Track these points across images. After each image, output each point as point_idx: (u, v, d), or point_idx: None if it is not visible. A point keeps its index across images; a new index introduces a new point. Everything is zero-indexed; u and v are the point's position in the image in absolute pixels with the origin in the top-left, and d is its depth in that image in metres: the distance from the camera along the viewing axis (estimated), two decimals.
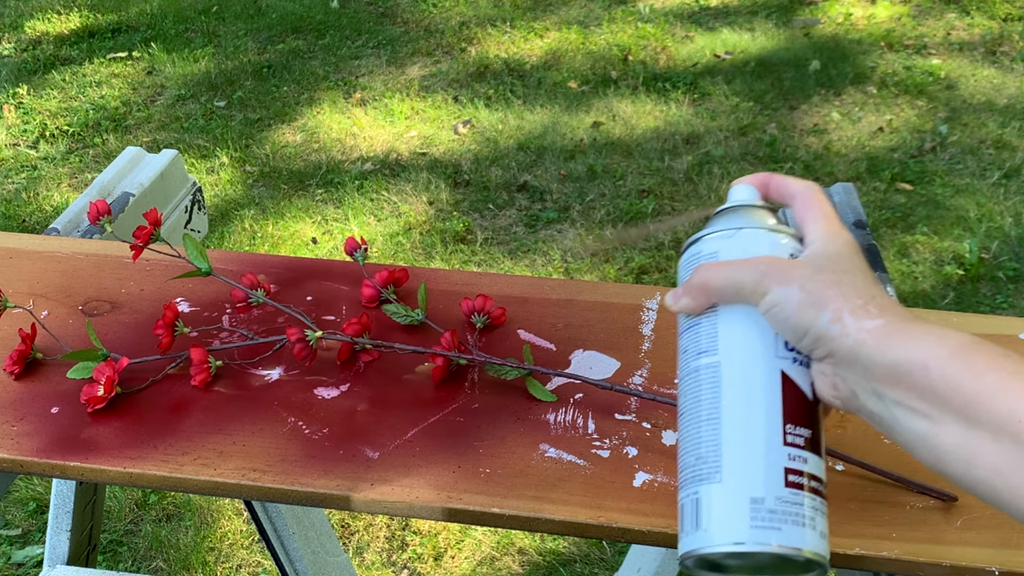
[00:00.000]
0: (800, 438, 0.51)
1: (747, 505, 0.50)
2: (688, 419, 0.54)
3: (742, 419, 0.52)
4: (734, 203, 0.58)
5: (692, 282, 0.55)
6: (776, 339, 0.53)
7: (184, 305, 0.86)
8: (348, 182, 2.83)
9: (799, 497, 0.50)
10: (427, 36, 3.75)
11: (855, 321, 0.49)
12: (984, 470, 0.45)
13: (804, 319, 0.50)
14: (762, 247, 0.55)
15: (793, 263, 0.52)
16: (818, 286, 0.50)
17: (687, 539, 0.52)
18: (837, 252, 0.53)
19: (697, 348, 0.55)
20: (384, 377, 0.78)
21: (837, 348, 0.49)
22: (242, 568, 1.73)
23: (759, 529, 0.49)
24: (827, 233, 0.54)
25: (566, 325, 0.83)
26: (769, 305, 0.51)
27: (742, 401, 0.52)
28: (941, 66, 3.34)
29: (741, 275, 0.53)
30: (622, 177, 2.80)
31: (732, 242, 0.55)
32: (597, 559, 1.71)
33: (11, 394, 0.77)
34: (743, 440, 0.51)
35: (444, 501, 0.67)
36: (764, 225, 0.56)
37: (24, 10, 4.05)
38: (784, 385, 0.52)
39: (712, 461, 0.51)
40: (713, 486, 0.51)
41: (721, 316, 0.54)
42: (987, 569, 0.62)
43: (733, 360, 0.53)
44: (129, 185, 1.18)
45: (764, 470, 0.50)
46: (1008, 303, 2.28)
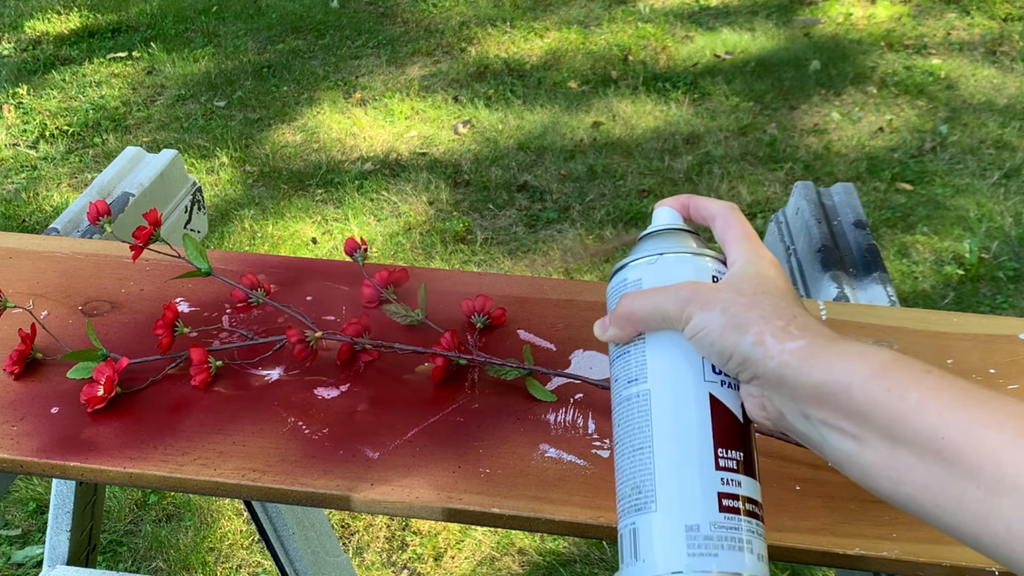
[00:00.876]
0: (732, 461, 0.51)
1: (683, 533, 0.49)
2: (622, 448, 0.54)
3: (673, 445, 0.52)
4: (656, 227, 0.59)
5: (618, 312, 0.55)
6: (703, 363, 0.53)
7: (184, 305, 0.86)
8: (348, 182, 2.83)
9: (735, 521, 0.50)
10: (427, 36, 3.75)
11: (777, 344, 0.49)
12: (911, 487, 0.45)
13: (727, 343, 0.50)
14: (685, 272, 0.55)
15: (715, 287, 0.53)
16: (739, 308, 0.50)
17: (626, 570, 0.52)
18: (756, 273, 0.53)
19: (627, 376, 0.55)
20: (384, 377, 0.78)
21: (762, 371, 0.49)
22: (242, 568, 1.73)
23: (696, 557, 0.49)
24: (747, 254, 0.54)
25: (566, 325, 0.83)
26: (693, 331, 0.52)
27: (672, 427, 0.52)
28: (941, 66, 3.34)
29: (664, 302, 0.53)
30: (622, 177, 2.81)
31: (655, 268, 0.56)
32: (597, 559, 1.71)
33: (11, 394, 0.77)
34: (675, 467, 0.51)
35: (444, 501, 0.67)
36: (686, 249, 0.56)
37: (24, 10, 4.05)
38: (713, 408, 0.52)
39: (647, 490, 0.51)
40: (649, 515, 0.51)
41: (649, 344, 0.54)
42: (987, 569, 0.62)
43: (662, 386, 0.53)
44: (129, 185, 1.18)
45: (698, 496, 0.50)
46: (1008, 303, 2.29)
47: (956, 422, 0.44)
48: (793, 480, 0.68)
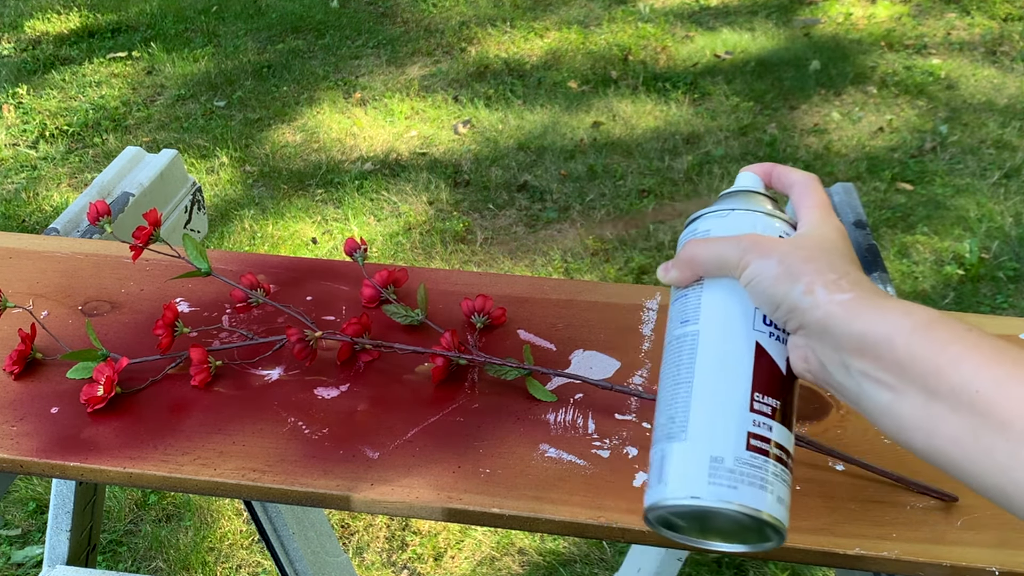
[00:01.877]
0: (767, 407, 0.53)
1: (707, 462, 0.51)
2: (665, 382, 0.56)
3: (712, 383, 0.54)
4: (736, 188, 0.61)
5: (681, 256, 0.58)
6: (755, 313, 0.55)
7: (184, 305, 0.86)
8: (348, 182, 2.83)
9: (760, 461, 0.51)
10: (427, 36, 3.75)
11: (826, 294, 0.50)
12: (943, 440, 0.46)
13: (779, 291, 0.52)
14: (752, 227, 0.57)
15: (776, 240, 0.55)
16: (795, 260, 0.52)
17: (650, 492, 0.53)
18: (820, 234, 0.55)
19: (681, 317, 0.57)
20: (384, 377, 0.78)
21: (808, 320, 0.51)
22: (242, 568, 1.73)
23: (716, 486, 0.51)
24: (816, 219, 0.56)
25: (566, 325, 0.83)
26: (748, 277, 0.53)
27: (715, 366, 0.54)
28: (941, 66, 3.34)
29: (725, 249, 0.55)
30: (622, 177, 2.80)
31: (725, 221, 0.58)
32: (597, 559, 1.71)
33: (11, 394, 0.77)
34: (710, 402, 0.53)
35: (444, 501, 0.67)
36: (759, 209, 0.58)
37: (24, 10, 4.05)
38: (757, 356, 0.54)
39: (680, 421, 0.53)
40: (678, 444, 0.53)
41: (706, 288, 0.56)
42: (987, 569, 0.62)
43: (712, 329, 0.55)
44: (129, 185, 1.18)
45: (726, 431, 0.52)
46: (1008, 303, 2.28)
47: (991, 376, 0.45)
48: (793, 480, 0.68)
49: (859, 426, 0.73)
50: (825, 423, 0.73)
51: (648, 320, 0.83)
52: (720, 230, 0.58)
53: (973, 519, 0.65)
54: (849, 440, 0.71)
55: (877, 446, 0.71)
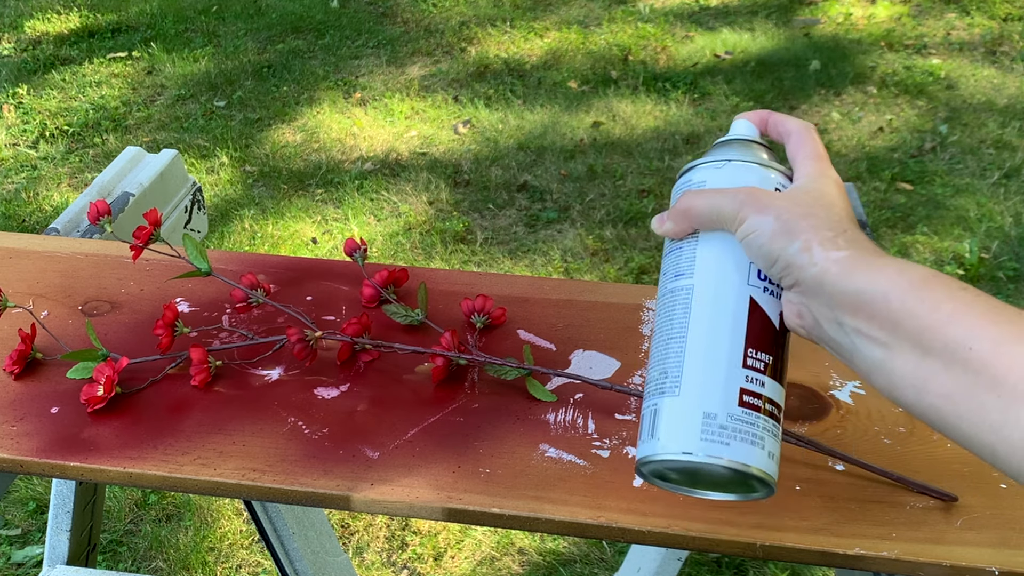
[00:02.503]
0: (760, 363, 0.53)
1: (699, 418, 0.51)
2: (659, 337, 0.56)
3: (705, 338, 0.53)
4: (730, 136, 0.60)
5: (677, 208, 0.57)
6: (750, 268, 0.54)
7: (184, 305, 0.86)
8: (348, 182, 2.83)
9: (752, 417, 0.52)
10: (427, 36, 3.75)
11: (823, 252, 0.50)
12: (935, 396, 0.47)
13: (775, 246, 0.52)
14: (750, 180, 0.56)
15: (772, 195, 0.54)
16: (792, 216, 0.52)
17: (642, 447, 0.54)
18: (817, 188, 0.54)
19: (675, 271, 0.57)
20: (384, 377, 0.78)
21: (804, 277, 0.51)
22: (242, 568, 1.73)
23: (708, 442, 0.51)
24: (813, 171, 0.56)
25: (566, 325, 0.83)
26: (745, 232, 0.53)
27: (708, 322, 0.54)
28: (941, 66, 3.34)
29: (721, 203, 0.54)
30: (622, 177, 2.80)
31: (721, 173, 0.57)
32: (597, 559, 1.71)
33: (11, 394, 0.77)
34: (703, 358, 0.53)
35: (444, 501, 0.67)
36: (755, 159, 0.57)
37: (24, 10, 4.05)
38: (751, 311, 0.54)
39: (673, 376, 0.53)
40: (670, 399, 0.53)
41: (701, 242, 0.56)
42: (987, 569, 0.62)
43: (706, 283, 0.55)
44: (129, 185, 1.18)
45: (719, 387, 0.52)
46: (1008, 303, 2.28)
47: (985, 335, 0.45)
48: (793, 480, 0.68)
49: (859, 426, 0.73)
50: (825, 423, 0.73)
51: (648, 320, 0.83)
52: (716, 181, 0.57)
53: (973, 519, 0.65)
54: (849, 440, 0.71)
55: (877, 446, 0.71)
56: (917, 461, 0.70)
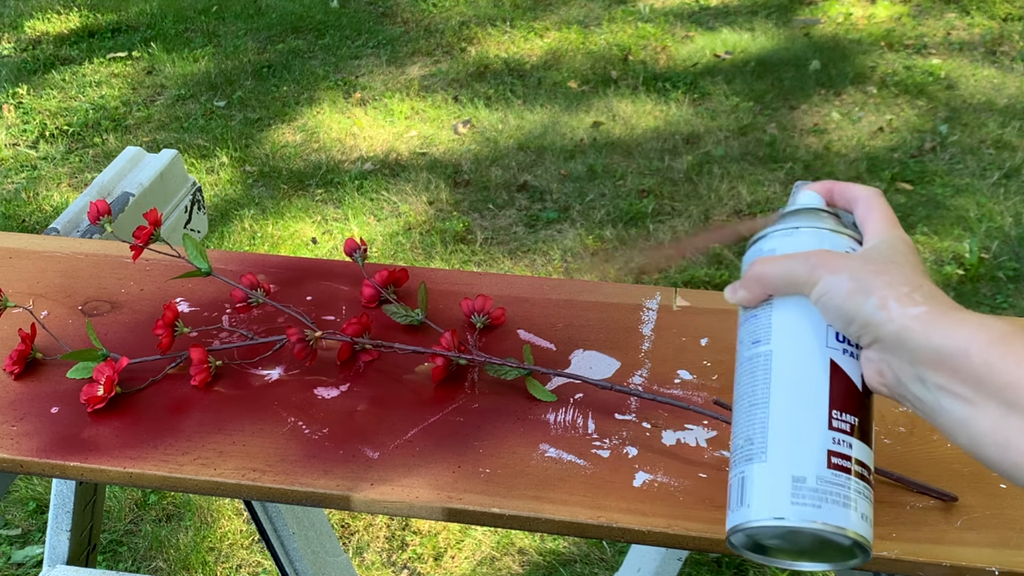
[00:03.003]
0: (846, 424, 0.53)
1: (788, 482, 0.51)
2: (741, 404, 0.56)
3: (789, 403, 0.53)
4: (797, 206, 0.60)
5: (749, 275, 0.57)
6: (827, 330, 0.54)
7: (184, 305, 0.86)
8: (348, 182, 2.83)
9: (842, 479, 0.51)
10: (427, 36, 3.75)
11: (900, 308, 0.50)
12: (1017, 454, 0.46)
13: (851, 306, 0.52)
14: (819, 244, 0.57)
15: (845, 255, 0.55)
16: (866, 275, 0.52)
17: (732, 515, 0.53)
18: (889, 247, 0.54)
19: (753, 337, 0.57)
20: (384, 377, 0.78)
21: (883, 334, 0.51)
22: (242, 568, 1.73)
23: (800, 506, 0.51)
24: (883, 232, 0.56)
25: (566, 325, 0.83)
26: (819, 294, 0.53)
27: (791, 386, 0.54)
28: (941, 66, 3.34)
29: (794, 267, 0.55)
30: (622, 177, 2.80)
31: (791, 239, 0.58)
32: (597, 559, 1.71)
33: (11, 394, 0.77)
34: (789, 422, 0.53)
35: (444, 501, 0.67)
36: (823, 225, 0.58)
37: (24, 10, 4.05)
38: (833, 373, 0.54)
39: (759, 442, 0.53)
40: (758, 465, 0.53)
41: (776, 307, 0.56)
42: (987, 569, 0.62)
43: (785, 348, 0.55)
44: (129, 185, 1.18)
45: (807, 450, 0.52)
46: (1008, 303, 2.29)
47: None
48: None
49: None
50: None
51: (648, 320, 0.83)
52: (786, 248, 0.57)
53: (973, 519, 0.65)
54: None
55: (877, 446, 0.71)
56: (917, 461, 0.70)
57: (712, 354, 0.80)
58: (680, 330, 0.82)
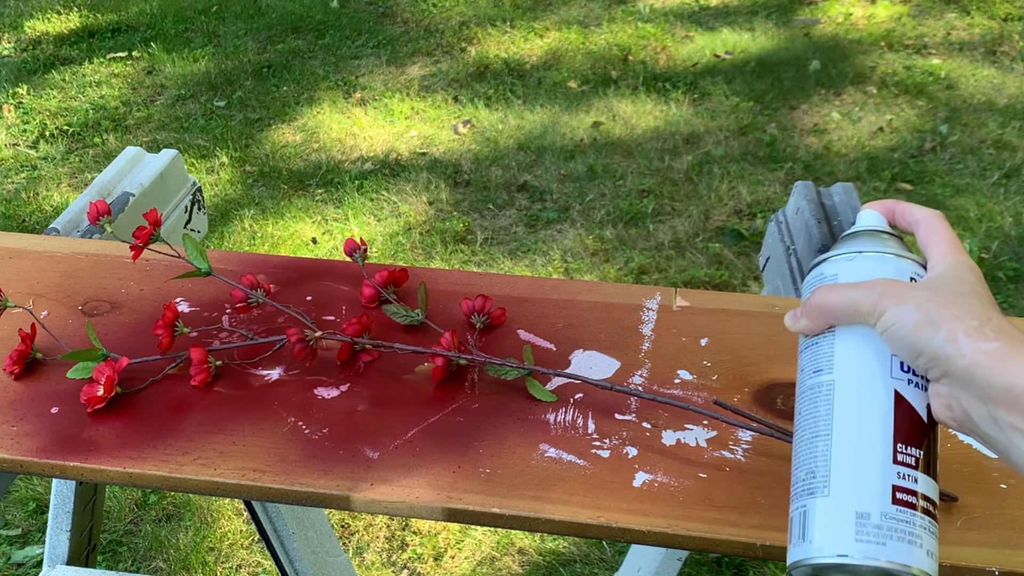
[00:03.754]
0: (911, 458, 0.52)
1: (852, 519, 0.50)
2: (802, 435, 0.55)
3: (853, 436, 0.52)
4: (859, 228, 0.59)
5: (811, 303, 0.56)
6: (892, 360, 0.53)
7: (184, 305, 0.86)
8: (348, 182, 2.83)
9: (907, 515, 0.50)
10: (427, 36, 3.75)
11: (970, 342, 0.49)
12: None
13: (919, 338, 0.50)
14: (883, 271, 0.55)
15: (910, 285, 0.53)
16: (934, 306, 0.51)
17: (794, 550, 0.52)
18: (955, 275, 0.53)
19: (815, 366, 0.56)
20: (384, 377, 0.78)
21: (952, 368, 0.49)
22: (242, 568, 1.73)
23: (864, 543, 0.50)
24: (948, 258, 0.55)
25: (566, 325, 0.83)
26: (885, 325, 0.52)
27: (854, 418, 0.53)
28: (941, 66, 3.34)
29: (858, 296, 0.53)
30: (622, 177, 2.80)
31: (853, 265, 0.56)
32: (597, 559, 1.71)
33: (11, 394, 0.77)
34: (852, 456, 0.52)
35: (444, 501, 0.67)
36: (886, 250, 0.57)
37: (24, 10, 4.05)
38: (897, 405, 0.52)
39: (822, 476, 0.52)
40: (820, 500, 0.52)
41: (838, 336, 0.55)
42: (987, 569, 0.62)
43: (848, 379, 0.54)
44: (129, 185, 1.18)
45: (871, 486, 0.51)
46: (1008, 303, 2.29)
47: None
48: None
49: None
50: None
51: (648, 320, 0.83)
52: (848, 274, 0.56)
53: (973, 519, 0.65)
54: None
55: None
56: None
57: (712, 354, 0.80)
58: (680, 330, 0.82)
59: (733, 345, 0.80)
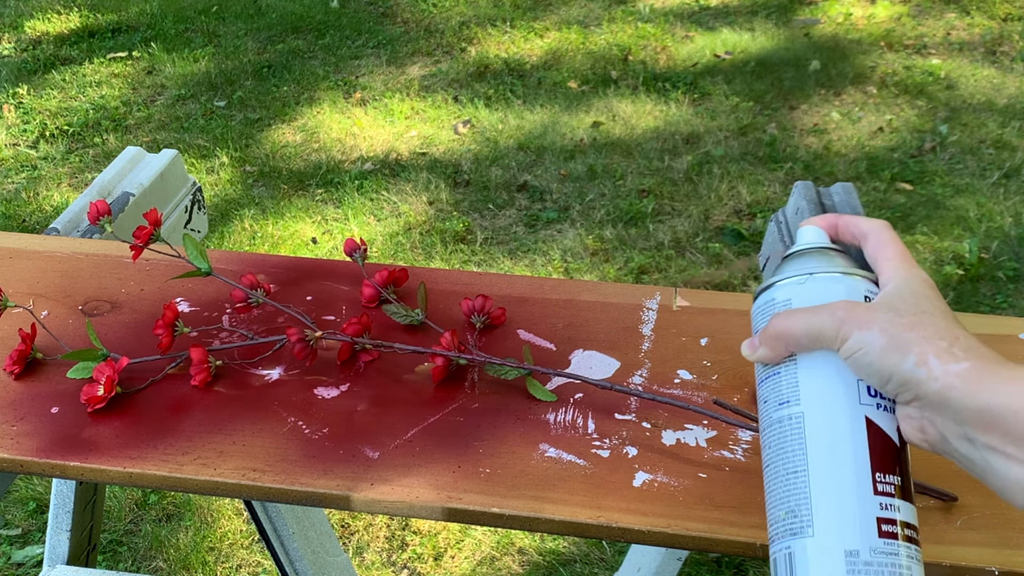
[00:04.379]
0: (890, 486, 0.51)
1: (842, 558, 0.49)
2: (776, 471, 0.54)
3: (830, 470, 0.51)
4: (803, 246, 0.58)
5: (769, 331, 0.55)
6: (858, 385, 0.52)
7: (184, 305, 0.86)
8: (348, 182, 2.83)
9: (894, 547, 0.50)
10: (427, 36, 3.75)
11: (941, 364, 0.48)
12: None
13: (887, 363, 0.49)
14: (836, 291, 0.54)
15: (871, 307, 0.52)
16: (899, 328, 0.50)
17: None
18: (913, 291, 0.52)
19: (778, 398, 0.54)
20: (384, 377, 0.78)
21: (924, 392, 0.49)
22: (242, 568, 1.73)
23: None
24: (901, 272, 0.53)
25: (566, 325, 0.83)
26: (850, 351, 0.51)
27: (828, 452, 0.52)
28: (941, 66, 3.34)
29: (820, 322, 0.52)
30: (622, 177, 2.80)
31: (805, 288, 0.55)
32: (597, 559, 1.71)
33: (11, 394, 0.77)
34: (832, 492, 0.51)
35: (444, 501, 0.67)
36: (836, 268, 0.55)
37: (24, 10, 4.05)
38: (870, 432, 0.52)
39: (803, 515, 0.51)
40: (805, 540, 0.50)
41: (801, 364, 0.54)
42: (987, 569, 0.62)
43: (817, 410, 0.53)
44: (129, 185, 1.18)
45: (856, 522, 0.50)
46: (1008, 303, 2.29)
47: None
48: None
49: None
50: None
51: (648, 320, 0.83)
52: (802, 298, 0.55)
53: (973, 519, 0.65)
54: None
55: None
56: (916, 461, 0.69)
57: (712, 354, 0.80)
58: (680, 330, 0.82)
59: (733, 345, 0.80)
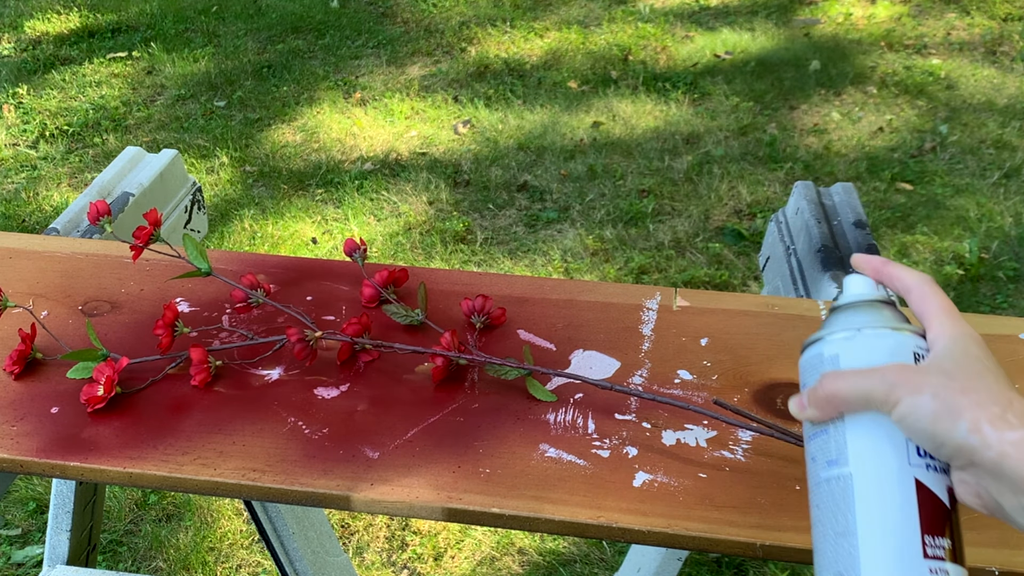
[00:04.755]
0: (940, 549, 0.50)
1: None
2: (823, 531, 0.53)
3: (878, 533, 0.51)
4: (852, 299, 0.58)
5: (818, 393, 0.54)
6: (908, 445, 0.52)
7: (184, 305, 0.86)
8: (348, 182, 2.83)
9: None
10: (427, 36, 3.75)
11: (995, 432, 0.47)
12: None
13: (940, 429, 0.49)
14: (884, 347, 0.54)
15: (922, 370, 0.51)
16: (951, 393, 0.49)
17: None
18: (963, 352, 0.52)
19: (826, 457, 0.54)
20: (384, 377, 0.78)
21: (979, 460, 0.48)
22: (242, 568, 1.73)
23: None
24: (950, 330, 0.53)
25: (566, 325, 0.83)
26: (901, 415, 0.50)
27: (877, 513, 0.51)
28: (941, 66, 3.34)
29: (869, 386, 0.52)
30: (622, 177, 2.80)
31: (853, 344, 0.55)
32: (597, 559, 1.71)
33: (11, 394, 0.77)
34: (881, 556, 0.50)
35: (444, 501, 0.67)
36: (885, 324, 0.55)
37: (24, 10, 4.05)
38: (920, 494, 0.51)
39: None
40: None
41: (849, 425, 0.53)
42: (987, 569, 0.62)
43: (866, 472, 0.52)
44: (129, 185, 1.18)
45: None
46: (1008, 303, 2.29)
47: None
48: (793, 480, 0.68)
49: None
50: None
51: (648, 320, 0.83)
52: (851, 356, 0.54)
53: (973, 519, 0.65)
54: None
55: None
56: None
57: (712, 354, 0.80)
58: (680, 330, 0.82)
59: (733, 345, 0.80)
